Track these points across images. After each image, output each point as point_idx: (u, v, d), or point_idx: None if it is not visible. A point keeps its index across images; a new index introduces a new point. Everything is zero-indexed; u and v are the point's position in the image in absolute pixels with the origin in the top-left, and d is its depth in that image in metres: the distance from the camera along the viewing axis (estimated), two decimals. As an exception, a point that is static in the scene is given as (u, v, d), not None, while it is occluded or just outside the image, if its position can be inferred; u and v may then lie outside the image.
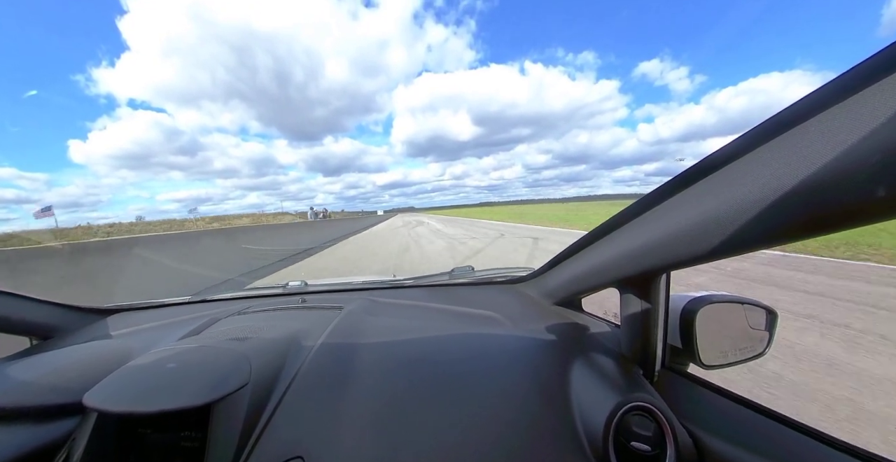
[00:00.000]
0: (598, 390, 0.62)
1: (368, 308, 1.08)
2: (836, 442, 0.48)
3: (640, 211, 0.57)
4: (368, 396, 0.63)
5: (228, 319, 1.01)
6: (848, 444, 0.47)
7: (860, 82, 0.30)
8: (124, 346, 0.86)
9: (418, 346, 0.80)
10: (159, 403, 0.51)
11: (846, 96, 0.31)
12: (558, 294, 0.99)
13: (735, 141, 0.40)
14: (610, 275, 0.69)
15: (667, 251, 0.52)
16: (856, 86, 0.30)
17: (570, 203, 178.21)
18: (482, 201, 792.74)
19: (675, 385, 0.65)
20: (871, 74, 0.29)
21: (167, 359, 0.64)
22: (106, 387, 0.56)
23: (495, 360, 0.74)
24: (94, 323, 1.18)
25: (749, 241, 0.41)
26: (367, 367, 0.71)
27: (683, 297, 0.69)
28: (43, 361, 0.76)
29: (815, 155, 0.32)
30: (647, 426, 0.52)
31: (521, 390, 0.65)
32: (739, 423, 0.54)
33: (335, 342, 0.81)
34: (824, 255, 5.88)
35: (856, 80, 0.30)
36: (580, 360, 0.72)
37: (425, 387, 0.65)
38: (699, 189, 0.46)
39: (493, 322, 0.97)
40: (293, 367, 0.70)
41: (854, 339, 2.67)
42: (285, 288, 1.43)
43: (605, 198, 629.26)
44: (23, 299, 0.99)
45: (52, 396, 0.63)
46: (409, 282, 1.42)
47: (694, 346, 0.64)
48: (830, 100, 0.32)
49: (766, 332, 0.71)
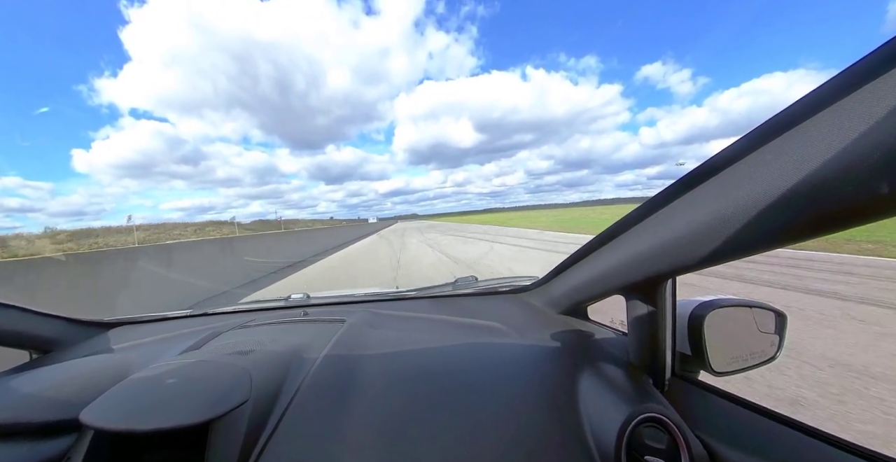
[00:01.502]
0: (607, 401, 0.61)
1: (371, 320, 1.07)
2: (864, 451, 0.46)
3: (642, 216, 0.56)
4: (371, 412, 0.62)
5: (230, 333, 1.00)
6: (879, 453, 0.45)
7: (857, 81, 0.30)
8: (124, 360, 0.85)
9: (422, 358, 0.79)
10: (157, 421, 0.50)
11: (845, 95, 0.31)
12: (563, 303, 0.97)
13: (736, 142, 0.40)
14: (615, 281, 0.69)
15: (672, 256, 0.51)
16: (853, 84, 0.30)
17: (574, 208, 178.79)
18: (484, 208, 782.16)
19: (687, 394, 0.63)
20: (868, 73, 0.30)
21: (167, 374, 0.63)
22: (103, 403, 0.55)
23: (501, 372, 0.72)
24: (95, 336, 1.17)
25: (755, 242, 0.40)
26: (370, 381, 0.70)
27: (690, 303, 0.68)
28: (42, 376, 0.75)
29: (818, 154, 0.32)
30: (660, 438, 0.50)
31: (529, 403, 0.63)
32: (755, 433, 0.52)
33: (337, 356, 0.80)
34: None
35: (853, 79, 0.30)
36: (588, 371, 0.70)
37: (430, 401, 0.64)
38: (702, 192, 0.45)
39: (497, 333, 0.95)
40: (295, 383, 0.69)
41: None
42: (287, 300, 1.42)
43: (608, 202, 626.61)
44: (23, 312, 0.99)
45: (49, 412, 0.62)
46: (412, 293, 1.41)
47: (704, 352, 0.63)
48: (830, 99, 0.32)
49: (777, 336, 0.70)
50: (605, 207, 27.00)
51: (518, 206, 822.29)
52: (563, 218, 28.78)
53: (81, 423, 0.51)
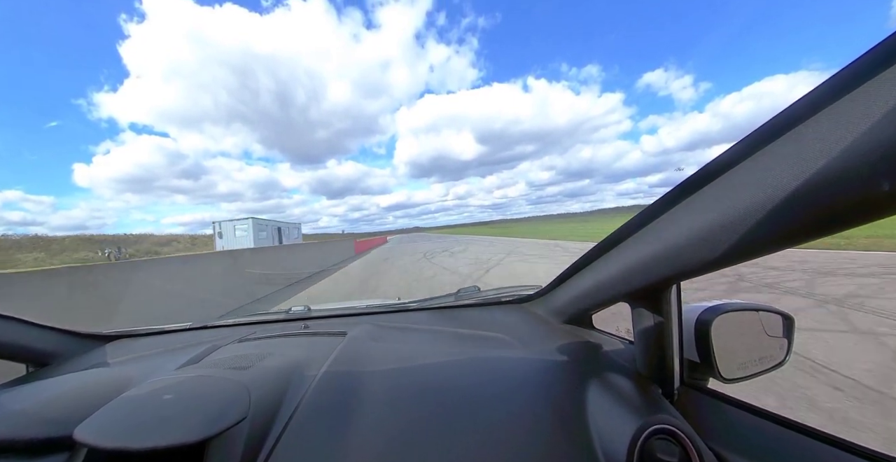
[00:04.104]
0: (616, 413, 0.59)
1: (372, 333, 1.06)
2: (888, 458, 0.44)
3: (643, 222, 0.56)
4: (373, 429, 0.60)
5: (229, 347, 0.98)
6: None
7: (853, 82, 0.30)
8: (121, 374, 0.84)
9: (424, 372, 0.77)
10: (152, 439, 0.49)
11: (841, 96, 0.31)
12: (567, 312, 0.96)
13: (735, 146, 0.41)
14: (618, 289, 0.68)
15: (674, 261, 0.51)
16: (849, 86, 0.31)
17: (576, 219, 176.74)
18: (486, 220, 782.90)
19: (697, 403, 0.62)
20: (862, 74, 0.30)
21: (164, 389, 0.62)
22: (98, 420, 0.54)
23: (506, 385, 0.71)
24: (93, 350, 1.16)
25: (757, 245, 0.40)
26: (372, 397, 0.68)
27: (696, 308, 0.67)
28: (38, 390, 0.74)
29: (816, 155, 0.32)
30: (672, 451, 0.48)
31: (535, 416, 0.62)
32: (770, 442, 0.51)
33: (338, 371, 0.78)
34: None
35: (849, 79, 0.31)
36: (595, 381, 0.69)
37: (434, 418, 0.62)
38: (702, 196, 0.45)
39: (501, 344, 0.93)
40: (294, 399, 0.68)
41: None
42: (288, 313, 1.41)
43: (609, 211, 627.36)
44: (21, 324, 0.98)
45: (43, 429, 0.60)
46: (414, 305, 1.39)
47: (712, 359, 0.62)
48: (826, 100, 0.32)
49: (785, 339, 0.68)
50: (623, 217, 26.29)
51: (520, 218, 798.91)
52: (581, 231, 27.98)
53: (75, 441, 0.50)
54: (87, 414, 0.55)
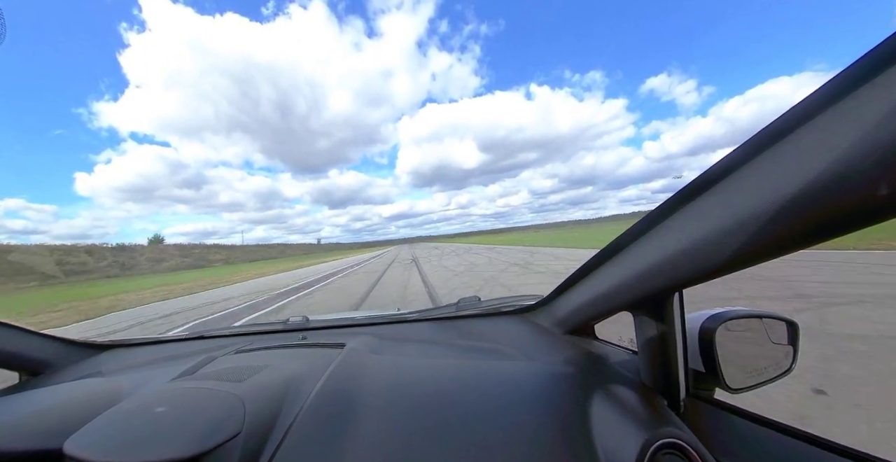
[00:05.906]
0: (621, 426, 0.57)
1: (371, 345, 1.04)
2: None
3: (643, 230, 0.56)
4: (371, 444, 0.58)
5: (225, 358, 0.97)
6: None
7: (851, 85, 0.31)
8: (115, 385, 0.82)
9: (424, 386, 0.76)
10: (144, 454, 0.48)
11: (839, 99, 0.31)
12: (569, 322, 0.95)
13: (735, 151, 0.40)
14: (620, 298, 0.67)
15: (676, 268, 0.50)
16: (847, 89, 0.31)
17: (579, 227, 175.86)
18: (489, 229, 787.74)
19: (704, 414, 0.60)
20: (862, 75, 0.30)
21: (157, 402, 0.60)
22: (88, 433, 0.53)
23: (508, 398, 0.69)
24: (88, 359, 1.13)
25: (759, 250, 0.39)
26: (370, 411, 0.67)
27: (699, 316, 0.66)
28: (29, 400, 0.72)
29: (816, 159, 0.32)
30: None
31: (538, 430, 0.60)
32: (779, 453, 0.49)
33: (336, 384, 0.77)
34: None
35: (846, 84, 0.31)
36: (600, 394, 0.67)
37: (433, 432, 0.61)
38: (704, 202, 0.45)
39: (503, 355, 0.92)
40: (291, 413, 0.66)
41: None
42: (286, 324, 1.39)
43: (611, 219, 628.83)
44: (15, 331, 0.96)
45: (33, 441, 0.58)
46: (414, 315, 1.38)
47: (717, 368, 0.61)
48: (824, 104, 0.32)
49: (790, 346, 0.67)
50: (627, 222, 25.82)
51: (524, 226, 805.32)
52: (598, 235, 27.65)
53: (64, 454, 0.49)
54: (78, 426, 0.54)
